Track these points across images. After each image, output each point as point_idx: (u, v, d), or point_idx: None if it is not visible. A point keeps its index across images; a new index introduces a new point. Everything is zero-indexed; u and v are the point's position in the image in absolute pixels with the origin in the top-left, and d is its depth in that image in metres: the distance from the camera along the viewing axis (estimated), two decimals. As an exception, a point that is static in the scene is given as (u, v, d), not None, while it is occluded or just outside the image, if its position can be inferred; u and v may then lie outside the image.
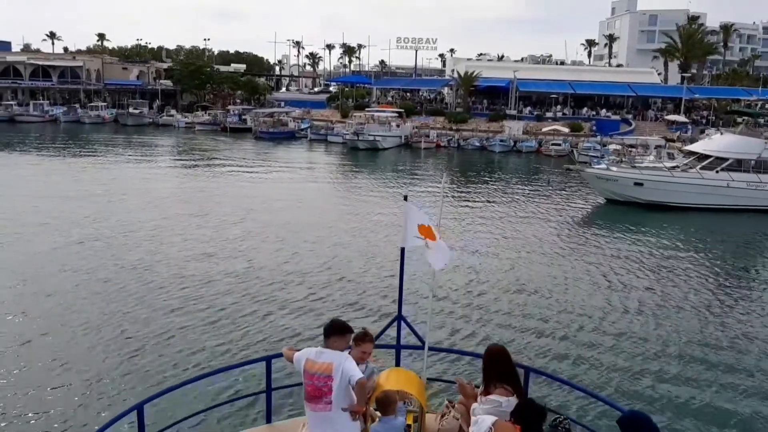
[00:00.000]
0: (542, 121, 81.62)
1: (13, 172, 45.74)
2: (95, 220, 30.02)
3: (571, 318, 19.27)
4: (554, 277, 23.70)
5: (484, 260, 25.58)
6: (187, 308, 18.73)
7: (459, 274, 22.99)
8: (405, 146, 73.65)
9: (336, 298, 20.16)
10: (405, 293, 7.14)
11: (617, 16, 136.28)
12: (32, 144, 65.74)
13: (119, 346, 15.96)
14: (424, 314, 8.32)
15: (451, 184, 47.72)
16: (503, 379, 5.49)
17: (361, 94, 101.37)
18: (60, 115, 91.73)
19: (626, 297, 21.69)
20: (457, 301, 20.38)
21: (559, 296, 21.39)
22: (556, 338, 17.63)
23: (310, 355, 5.47)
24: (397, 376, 6.04)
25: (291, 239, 27.68)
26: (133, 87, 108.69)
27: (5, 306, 18.71)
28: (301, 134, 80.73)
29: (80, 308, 18.57)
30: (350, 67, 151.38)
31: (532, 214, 36.23)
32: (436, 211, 6.98)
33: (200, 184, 42.93)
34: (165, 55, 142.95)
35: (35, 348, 15.84)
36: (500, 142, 72.17)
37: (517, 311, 19.76)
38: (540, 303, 20.60)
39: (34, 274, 21.76)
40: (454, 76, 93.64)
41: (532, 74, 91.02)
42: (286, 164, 55.74)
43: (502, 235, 30.57)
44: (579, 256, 26.98)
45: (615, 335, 17.99)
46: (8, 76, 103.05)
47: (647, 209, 37.56)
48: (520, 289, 22.03)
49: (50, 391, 13.64)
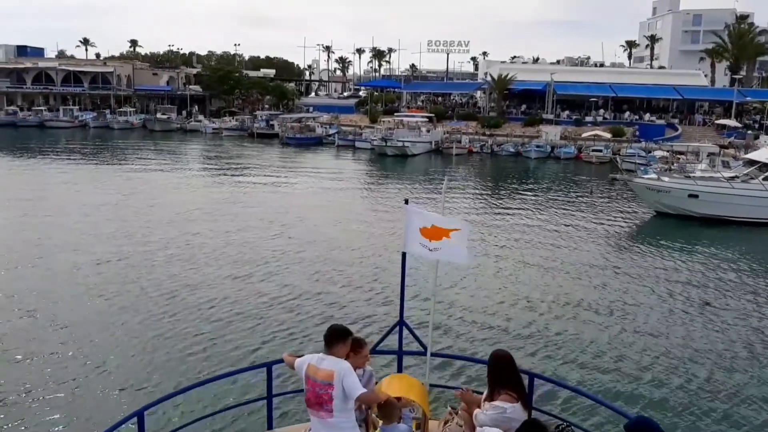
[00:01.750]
0: (581, 126, 78.03)
1: (39, 179, 44.56)
2: (118, 235, 27.73)
3: (611, 337, 17.81)
4: (591, 291, 22.00)
5: (509, 268, 24.61)
6: (186, 311, 18.49)
7: (482, 281, 22.30)
8: (435, 152, 70.83)
9: (342, 303, 19.86)
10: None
11: (659, 17, 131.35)
12: (59, 150, 65.19)
13: (119, 351, 15.74)
14: (427, 316, 8.31)
15: (483, 191, 45.56)
16: (508, 385, 5.44)
17: (390, 99, 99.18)
18: (89, 120, 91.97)
19: (667, 317, 19.65)
20: (472, 308, 19.58)
21: (594, 312, 19.86)
22: (593, 355, 16.42)
23: (311, 361, 5.46)
24: (399, 382, 6.13)
25: (305, 245, 26.83)
26: (163, 92, 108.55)
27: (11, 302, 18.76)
28: (328, 140, 78.51)
29: (82, 313, 18.30)
30: (380, 71, 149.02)
31: (571, 226, 33.31)
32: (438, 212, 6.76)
33: (223, 194, 40.71)
34: (196, 60, 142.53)
35: (34, 351, 15.60)
36: (536, 148, 68.87)
37: (541, 323, 18.68)
38: (572, 318, 19.29)
39: (53, 278, 21.62)
40: (487, 79, 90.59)
41: (570, 77, 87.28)
42: (310, 172, 53.34)
43: (534, 245, 28.53)
44: (621, 272, 24.68)
45: (653, 357, 16.48)
46: (41, 82, 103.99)
47: (703, 224, 33.86)
48: (548, 301, 20.73)
49: (50, 398, 13.37)
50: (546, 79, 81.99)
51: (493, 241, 29.15)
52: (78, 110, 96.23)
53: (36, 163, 53.92)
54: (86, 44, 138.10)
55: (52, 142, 70.65)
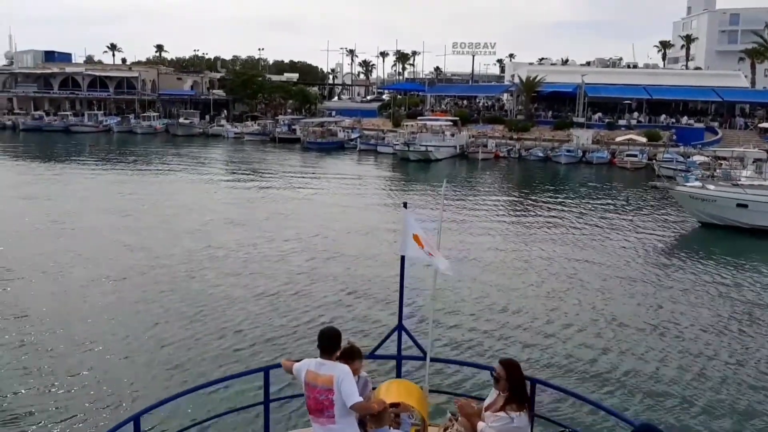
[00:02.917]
0: (614, 130, 75.06)
1: (58, 185, 43.61)
2: (137, 248, 26.16)
3: (638, 353, 16.66)
4: (622, 306, 20.55)
5: (531, 277, 23.69)
6: (181, 315, 18.25)
7: (494, 288, 21.79)
8: (460, 157, 68.52)
9: (344, 306, 19.64)
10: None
11: (694, 16, 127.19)
12: (83, 154, 64.82)
13: (115, 356, 15.56)
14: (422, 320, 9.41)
15: (510, 198, 43.81)
16: (516, 395, 5.41)
17: (414, 102, 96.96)
18: (113, 125, 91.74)
19: (709, 337, 18.02)
20: (474, 313, 19.13)
21: (624, 327, 18.49)
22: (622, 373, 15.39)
23: (310, 367, 5.42)
24: (398, 387, 6.10)
25: (318, 251, 26.33)
26: (187, 97, 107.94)
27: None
28: (350, 144, 76.65)
29: (82, 315, 18.10)
30: (404, 74, 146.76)
31: (605, 236, 31.20)
32: (437, 219, 6.94)
33: (241, 201, 39.16)
34: (220, 65, 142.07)
35: (32, 353, 15.53)
36: (567, 153, 66.19)
37: (559, 333, 17.88)
38: (597, 332, 18.25)
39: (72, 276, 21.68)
40: (514, 81, 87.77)
41: (602, 78, 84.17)
42: (330, 178, 51.50)
43: (562, 255, 26.84)
44: (660, 287, 22.82)
45: (690, 377, 15.38)
46: (67, 87, 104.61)
47: (753, 236, 30.97)
48: (571, 313, 19.65)
49: (45, 403, 13.26)
50: (576, 81, 79.18)
51: (516, 248, 27.95)
52: (102, 115, 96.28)
53: (59, 168, 53.09)
54: (113, 49, 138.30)
55: (75, 147, 70.46)
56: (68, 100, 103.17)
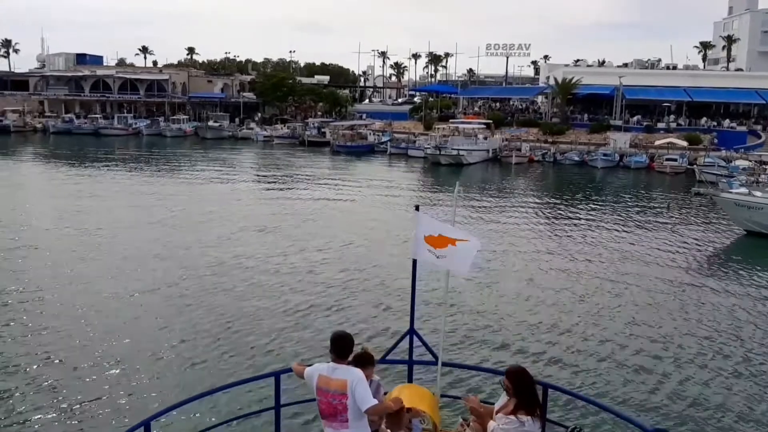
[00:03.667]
0: (653, 133, 72.69)
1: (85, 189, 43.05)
2: (166, 257, 25.53)
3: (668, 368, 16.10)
4: (659, 317, 19.73)
5: (561, 282, 23.29)
6: (192, 319, 18.33)
7: (520, 294, 21.67)
8: (493, 161, 66.94)
9: (359, 311, 19.51)
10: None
11: (735, 16, 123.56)
12: (111, 158, 64.53)
13: (126, 360, 15.47)
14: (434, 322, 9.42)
15: (544, 203, 42.64)
16: (526, 401, 5.42)
17: (446, 105, 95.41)
18: (143, 128, 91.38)
19: (751, 352, 17.08)
20: (489, 318, 19.11)
21: (663, 340, 17.83)
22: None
23: (322, 371, 5.38)
24: (409, 392, 6.11)
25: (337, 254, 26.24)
26: (217, 100, 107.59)
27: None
28: (380, 148, 75.33)
29: (91, 320, 18.02)
30: (436, 76, 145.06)
31: (644, 243, 30.18)
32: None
33: (268, 207, 38.19)
34: (251, 67, 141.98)
35: (41, 358, 15.52)
36: (603, 157, 64.13)
37: (579, 341, 17.69)
38: (624, 342, 17.81)
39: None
40: (549, 83, 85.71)
41: (640, 80, 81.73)
42: (359, 183, 50.22)
43: (596, 263, 26.13)
44: (701, 298, 21.87)
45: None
46: (98, 90, 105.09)
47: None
48: (598, 322, 19.27)
49: (56, 406, 13.32)
50: (613, 83, 77.19)
51: (549, 256, 27.18)
52: (132, 118, 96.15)
53: (87, 173, 52.70)
54: (145, 52, 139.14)
55: (104, 151, 70.34)
56: (99, 103, 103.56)
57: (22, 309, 18.83)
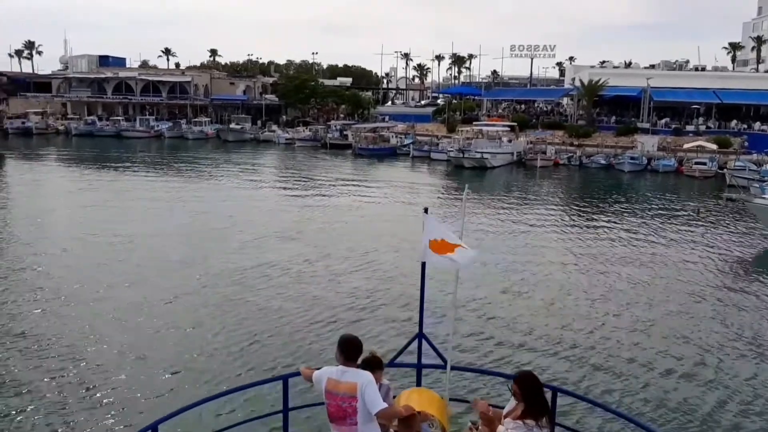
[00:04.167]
0: (681, 136, 70.99)
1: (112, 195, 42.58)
2: (188, 263, 25.25)
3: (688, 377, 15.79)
4: (685, 325, 19.29)
5: (579, 286, 22.93)
6: (200, 322, 18.39)
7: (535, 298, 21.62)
8: (518, 164, 65.64)
9: (367, 314, 19.46)
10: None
11: (765, 16, 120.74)
12: (133, 161, 64.44)
13: (134, 363, 15.59)
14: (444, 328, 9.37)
15: (569, 207, 41.91)
16: (534, 407, 5.36)
17: (469, 107, 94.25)
18: (164, 130, 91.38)
19: None
20: (498, 321, 19.12)
21: (690, 346, 17.63)
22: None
23: (331, 375, 5.40)
24: (418, 396, 6.08)
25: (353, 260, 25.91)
26: (239, 102, 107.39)
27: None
28: (402, 151, 74.44)
29: (101, 323, 18.15)
30: (459, 78, 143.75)
31: (672, 249, 29.42)
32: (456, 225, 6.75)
33: (290, 213, 37.40)
34: (273, 69, 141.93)
35: (51, 361, 15.64)
36: (631, 160, 62.64)
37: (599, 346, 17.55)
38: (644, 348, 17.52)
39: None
40: (575, 84, 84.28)
41: (668, 82, 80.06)
42: (381, 186, 49.40)
43: (621, 269, 25.67)
44: (734, 308, 21.15)
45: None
46: (121, 92, 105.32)
47: None
48: (618, 327, 19.06)
49: (62, 408, 13.50)
50: (640, 85, 75.62)
51: (573, 260, 26.77)
52: (154, 120, 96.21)
53: (109, 176, 52.63)
54: (167, 54, 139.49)
55: (126, 153, 70.33)
56: (121, 105, 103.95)
57: (41, 315, 18.73)
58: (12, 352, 16.14)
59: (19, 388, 14.33)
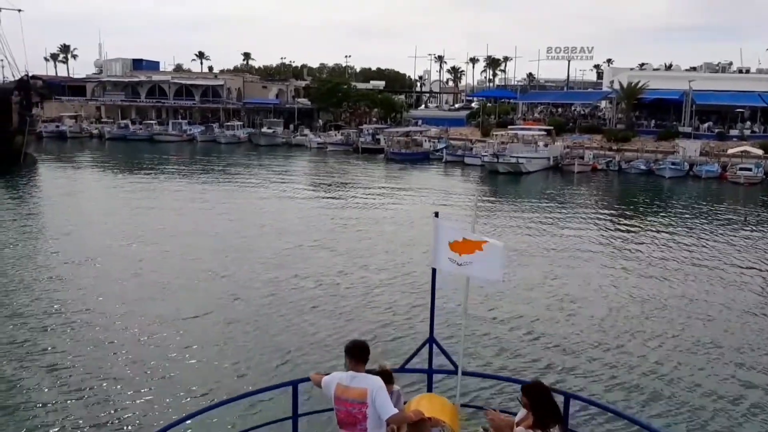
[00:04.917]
0: (725, 140, 68.58)
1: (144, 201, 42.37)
2: (220, 275, 24.83)
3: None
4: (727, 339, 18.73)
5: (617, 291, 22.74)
6: (207, 327, 18.51)
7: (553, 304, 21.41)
8: (554, 170, 63.97)
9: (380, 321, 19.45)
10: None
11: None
12: (165, 165, 64.46)
13: (143, 370, 15.65)
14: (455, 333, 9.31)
15: (608, 214, 40.64)
16: (544, 416, 5.34)
17: (504, 110, 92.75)
18: (197, 134, 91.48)
19: None
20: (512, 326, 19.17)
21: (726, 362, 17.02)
22: None
23: (340, 380, 5.38)
24: (429, 402, 6.10)
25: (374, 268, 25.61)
26: (271, 106, 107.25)
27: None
28: (435, 156, 73.14)
29: (115, 325, 18.45)
30: (494, 81, 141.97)
31: (718, 260, 28.46)
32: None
33: (324, 220, 36.71)
34: (306, 73, 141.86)
35: (58, 363, 15.85)
36: (672, 166, 60.60)
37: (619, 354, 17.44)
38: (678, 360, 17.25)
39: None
40: (614, 87, 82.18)
41: (710, 84, 77.63)
42: (413, 193, 48.30)
43: (661, 278, 25.09)
44: None
45: None
46: (154, 95, 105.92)
47: None
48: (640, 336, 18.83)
49: (71, 412, 13.61)
50: (682, 87, 73.30)
51: (610, 270, 26.10)
52: (186, 124, 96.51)
53: (141, 181, 52.29)
54: (201, 57, 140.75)
55: (159, 157, 70.42)
56: (154, 109, 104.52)
57: (69, 325, 18.66)
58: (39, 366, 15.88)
59: (44, 404, 14.10)
